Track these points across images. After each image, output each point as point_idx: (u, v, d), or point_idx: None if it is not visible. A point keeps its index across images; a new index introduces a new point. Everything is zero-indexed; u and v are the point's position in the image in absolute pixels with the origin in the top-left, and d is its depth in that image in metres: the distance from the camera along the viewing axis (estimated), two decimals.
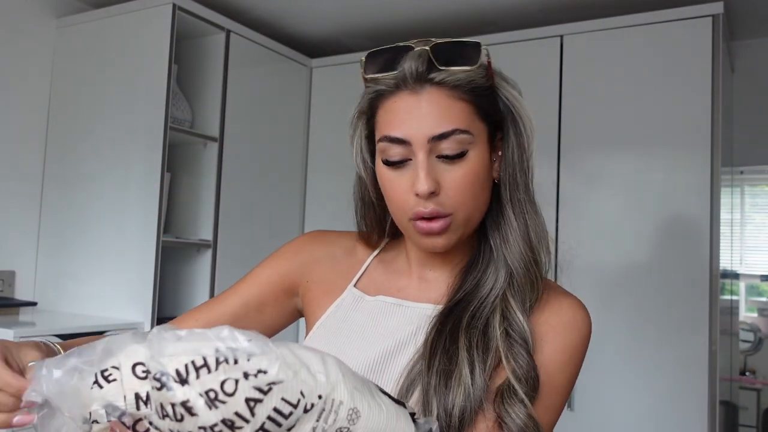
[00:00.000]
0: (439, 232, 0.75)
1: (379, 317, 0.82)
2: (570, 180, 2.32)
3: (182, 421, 0.53)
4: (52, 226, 2.48)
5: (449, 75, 0.74)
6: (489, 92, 0.78)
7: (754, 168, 2.94)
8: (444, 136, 0.73)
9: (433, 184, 0.73)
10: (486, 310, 0.76)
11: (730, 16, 2.41)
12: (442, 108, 0.74)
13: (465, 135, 0.74)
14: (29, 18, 2.49)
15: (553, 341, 0.76)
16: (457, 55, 0.76)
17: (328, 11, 2.66)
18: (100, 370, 0.58)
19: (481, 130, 0.77)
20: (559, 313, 0.78)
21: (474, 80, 0.76)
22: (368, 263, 0.89)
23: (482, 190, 0.77)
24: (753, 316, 3.42)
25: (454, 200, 0.75)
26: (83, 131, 2.43)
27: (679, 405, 2.08)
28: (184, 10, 2.30)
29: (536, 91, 2.41)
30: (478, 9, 2.57)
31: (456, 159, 0.74)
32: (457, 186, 0.74)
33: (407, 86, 0.75)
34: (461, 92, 0.75)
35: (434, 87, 0.74)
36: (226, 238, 2.46)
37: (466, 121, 0.74)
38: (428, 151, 0.74)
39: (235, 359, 0.53)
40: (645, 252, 2.18)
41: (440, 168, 0.74)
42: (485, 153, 0.77)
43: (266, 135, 2.72)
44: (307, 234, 0.96)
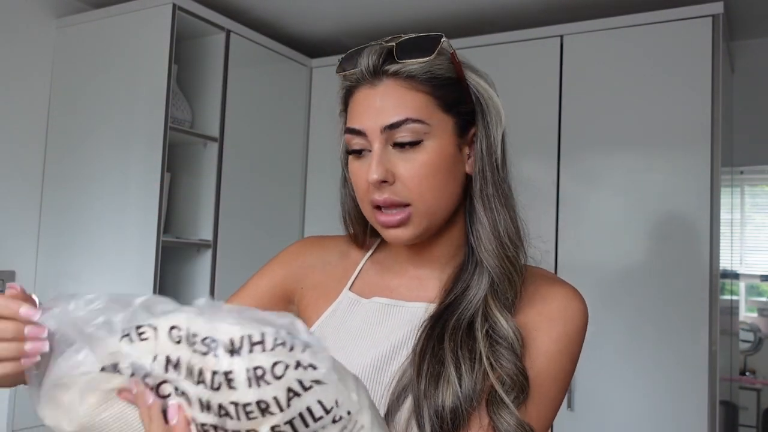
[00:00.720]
0: (398, 225, 0.76)
1: (374, 320, 0.82)
2: (570, 180, 2.32)
3: (217, 391, 0.52)
4: (52, 226, 2.48)
5: (403, 66, 0.76)
6: (452, 83, 0.78)
7: (754, 168, 2.94)
8: (395, 125, 0.75)
9: (383, 173, 0.74)
10: (469, 313, 0.75)
11: (730, 16, 2.41)
12: (396, 98, 0.75)
13: (418, 124, 0.75)
14: (29, 18, 2.49)
15: (547, 331, 0.76)
16: (414, 47, 0.77)
17: (328, 11, 2.66)
18: (135, 325, 0.57)
19: (444, 121, 0.77)
20: (552, 303, 0.78)
21: (431, 71, 0.76)
22: (362, 265, 0.90)
23: (444, 183, 0.77)
24: (753, 316, 3.42)
25: (410, 190, 0.75)
26: (83, 131, 2.43)
27: (679, 405, 2.08)
28: (184, 10, 2.30)
29: (536, 91, 2.41)
30: (478, 9, 2.57)
31: (410, 148, 0.75)
32: (412, 175, 0.75)
33: (366, 80, 0.78)
34: (417, 83, 0.76)
35: (390, 79, 0.76)
36: (226, 238, 2.46)
37: (422, 111, 0.75)
38: (383, 141, 0.75)
39: (292, 346, 0.53)
40: (645, 252, 2.18)
41: (396, 158, 0.76)
42: (449, 145, 0.77)
43: (266, 135, 2.72)
44: (301, 240, 0.97)
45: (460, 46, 2.78)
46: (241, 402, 0.52)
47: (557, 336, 0.76)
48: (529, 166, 2.42)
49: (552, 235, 2.32)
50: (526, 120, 2.42)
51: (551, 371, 0.75)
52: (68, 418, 0.58)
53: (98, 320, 0.57)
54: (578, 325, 0.78)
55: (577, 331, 0.78)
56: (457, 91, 0.79)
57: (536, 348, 0.75)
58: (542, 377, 0.74)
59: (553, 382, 0.75)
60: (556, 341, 0.76)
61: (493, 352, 0.72)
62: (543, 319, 0.76)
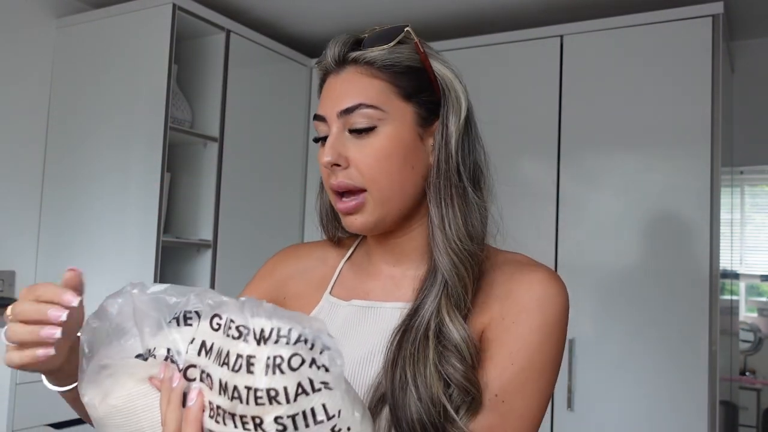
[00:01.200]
0: (354, 211, 0.77)
1: (353, 323, 0.81)
2: (570, 180, 2.32)
3: (237, 373, 0.56)
4: (52, 226, 2.48)
5: (364, 53, 0.77)
6: (413, 72, 0.78)
7: (754, 168, 2.94)
8: (350, 110, 0.76)
9: (335, 155, 0.75)
10: (424, 323, 0.72)
11: (730, 16, 2.41)
12: (352, 84, 0.77)
13: (372, 110, 0.75)
14: (29, 18, 2.49)
15: (526, 322, 0.73)
16: (377, 37, 0.78)
17: (328, 11, 2.66)
18: (184, 311, 0.61)
19: (402, 109, 0.77)
20: (527, 292, 0.74)
21: (390, 59, 0.77)
22: (340, 268, 0.89)
23: (399, 170, 0.76)
24: (753, 316, 3.42)
25: (363, 174, 0.76)
26: (83, 131, 2.43)
27: (679, 405, 2.08)
28: (184, 10, 2.30)
29: (536, 91, 2.41)
30: (478, 9, 2.57)
31: (364, 133, 0.76)
32: (365, 160, 0.75)
33: (333, 69, 0.79)
34: (375, 69, 0.77)
35: (351, 66, 0.78)
36: (226, 238, 2.46)
37: (378, 98, 0.76)
38: (340, 126, 0.76)
39: (313, 344, 0.56)
40: (645, 252, 2.18)
41: (351, 143, 0.76)
42: (406, 133, 0.77)
43: (266, 135, 2.72)
44: (280, 252, 0.97)
45: (460, 46, 2.77)
46: (254, 387, 0.55)
47: (537, 326, 0.73)
48: (529, 166, 2.42)
49: (552, 235, 2.32)
50: (526, 120, 2.42)
51: (535, 363, 0.72)
52: (102, 399, 0.62)
53: (154, 306, 0.61)
54: (558, 310, 0.74)
55: (558, 317, 0.74)
56: (419, 80, 0.78)
57: (516, 341, 0.72)
58: (527, 371, 0.71)
59: (540, 374, 0.72)
60: (536, 331, 0.73)
61: (441, 360, 0.70)
62: (520, 310, 0.73)
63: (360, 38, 0.79)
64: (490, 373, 0.71)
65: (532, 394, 0.72)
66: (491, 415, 0.70)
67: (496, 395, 0.71)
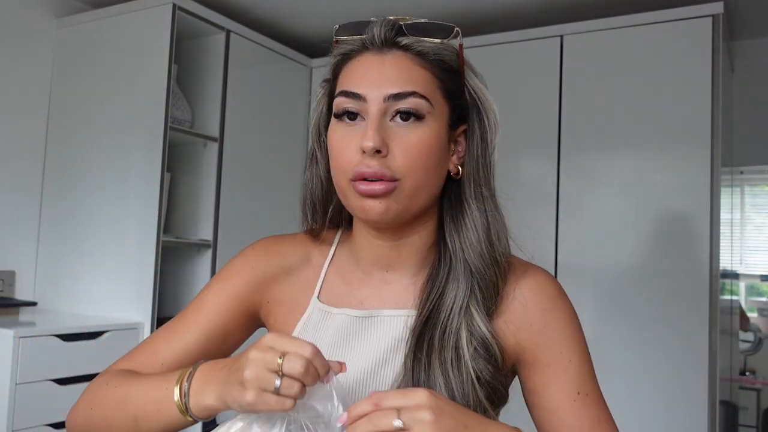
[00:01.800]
0: (380, 195, 0.71)
1: (351, 333, 0.78)
2: (570, 180, 2.32)
3: None
4: (52, 226, 2.48)
5: (416, 42, 0.75)
6: (454, 74, 0.77)
7: (754, 168, 2.94)
8: (401, 96, 0.72)
9: (379, 141, 0.70)
10: (454, 326, 0.74)
11: (730, 16, 2.41)
12: (405, 69, 0.73)
13: (424, 101, 0.72)
14: (29, 18, 2.49)
15: (555, 321, 0.77)
16: (427, 28, 0.76)
17: (328, 11, 2.66)
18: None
19: (442, 108, 0.75)
20: (542, 294, 0.78)
21: (441, 54, 0.75)
22: (325, 271, 0.85)
23: (434, 167, 0.74)
24: (753, 316, 3.42)
25: (402, 164, 0.71)
26: (83, 131, 2.43)
27: (679, 405, 2.07)
28: (184, 10, 2.30)
29: (536, 91, 2.41)
30: (478, 9, 2.57)
31: (411, 121, 0.72)
32: (408, 150, 0.71)
33: (373, 47, 0.75)
34: (426, 60, 0.74)
35: (400, 50, 0.74)
36: (226, 238, 2.46)
37: (428, 89, 0.73)
38: (383, 110, 0.72)
39: None
40: (645, 252, 2.18)
41: (393, 130, 0.72)
42: (443, 133, 0.75)
43: (266, 135, 2.72)
44: (255, 246, 0.90)
45: None
46: None
47: (565, 320, 0.78)
48: (529, 166, 2.42)
49: (552, 235, 2.32)
50: (526, 120, 2.41)
51: (582, 350, 0.77)
52: None
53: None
54: (566, 299, 0.80)
55: (569, 304, 0.80)
56: (457, 83, 0.77)
57: (560, 341, 0.76)
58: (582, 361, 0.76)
59: (587, 355, 0.78)
60: (567, 325, 0.78)
61: (477, 364, 0.72)
62: (543, 313, 0.77)
63: (401, 23, 0.76)
64: (558, 378, 0.75)
65: (592, 373, 0.78)
66: (590, 411, 0.74)
67: (579, 393, 0.75)
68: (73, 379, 1.98)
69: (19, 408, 1.84)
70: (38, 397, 1.89)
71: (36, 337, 1.90)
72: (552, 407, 0.74)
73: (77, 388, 1.98)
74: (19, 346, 1.84)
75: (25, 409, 1.86)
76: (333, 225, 0.87)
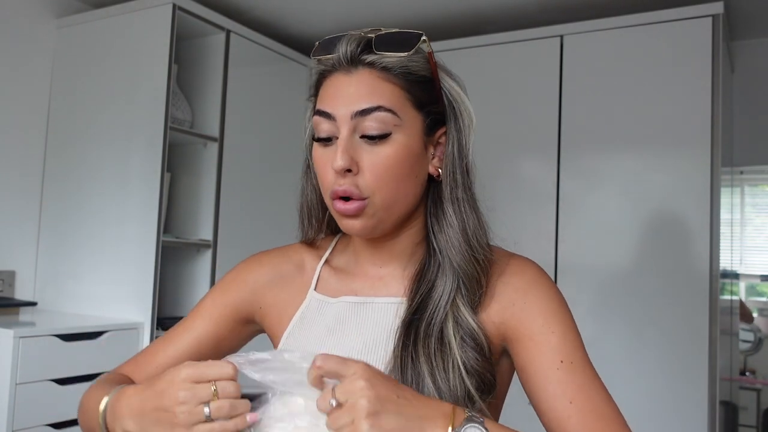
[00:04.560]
0: (354, 215, 0.76)
1: (346, 318, 0.82)
2: (570, 180, 2.32)
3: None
4: (52, 226, 2.48)
5: (381, 57, 0.76)
6: (426, 82, 0.79)
7: (754, 168, 2.94)
8: (367, 111, 0.75)
9: (348, 161, 0.74)
10: (439, 317, 0.77)
11: (730, 16, 2.41)
12: (369, 86, 0.76)
13: (389, 114, 0.75)
14: (29, 18, 2.49)
15: (536, 297, 0.79)
16: (393, 41, 0.77)
17: (328, 11, 2.66)
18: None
19: (413, 118, 0.78)
20: (523, 276, 0.81)
21: (407, 67, 0.77)
22: (319, 270, 0.89)
23: (406, 179, 0.77)
24: (753, 316, 3.42)
25: (371, 182, 0.75)
26: (83, 131, 2.43)
27: (679, 405, 2.08)
28: (184, 10, 2.30)
29: (536, 91, 2.41)
30: (478, 9, 2.57)
31: (378, 140, 0.75)
32: (376, 168, 0.75)
33: (342, 67, 0.78)
34: (391, 75, 0.76)
35: (366, 68, 0.77)
36: (226, 238, 2.46)
37: (394, 103, 0.76)
38: (352, 128, 0.75)
39: None
40: (645, 252, 2.18)
41: (362, 148, 0.76)
42: (416, 143, 0.78)
43: (266, 135, 2.72)
44: (248, 260, 0.95)
45: (460, 46, 2.76)
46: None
47: (545, 296, 0.79)
48: (529, 166, 2.42)
49: (552, 235, 2.32)
50: (526, 120, 2.42)
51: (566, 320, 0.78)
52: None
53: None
54: (547, 279, 0.82)
55: (551, 284, 0.81)
56: (429, 91, 0.79)
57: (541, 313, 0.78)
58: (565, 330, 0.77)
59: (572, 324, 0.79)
60: (548, 299, 0.79)
61: (465, 354, 0.75)
62: (525, 292, 0.79)
63: (370, 38, 0.78)
64: (541, 349, 0.76)
65: (578, 343, 0.78)
66: (574, 377, 0.75)
67: (562, 361, 0.75)
68: (73, 379, 1.97)
69: (19, 408, 1.84)
70: (38, 397, 1.89)
71: (36, 337, 1.90)
72: (537, 378, 0.75)
73: (77, 388, 1.98)
74: (19, 346, 1.84)
75: (25, 409, 1.86)
76: (331, 231, 0.92)
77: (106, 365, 2.07)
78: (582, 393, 0.74)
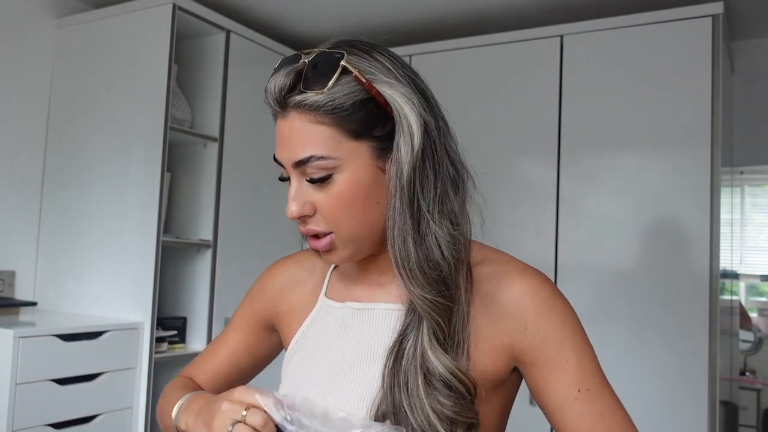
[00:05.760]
0: (327, 250, 0.78)
1: (348, 323, 0.83)
2: (570, 180, 2.32)
3: None
4: (52, 226, 2.48)
5: (304, 98, 0.72)
6: (362, 106, 0.72)
7: (754, 168, 2.94)
8: (301, 162, 0.74)
9: (300, 208, 0.75)
10: (410, 352, 0.74)
11: (730, 16, 2.41)
12: (300, 133, 0.74)
13: (324, 161, 0.73)
14: (29, 18, 2.49)
15: (550, 322, 0.76)
16: (316, 74, 0.72)
17: (328, 11, 2.66)
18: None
19: (356, 149, 0.73)
20: (535, 297, 0.76)
21: (332, 101, 0.71)
22: (329, 275, 0.91)
23: (362, 210, 0.75)
24: (753, 316, 3.42)
25: (329, 220, 0.76)
26: (83, 131, 2.43)
27: (679, 405, 2.08)
28: (184, 10, 2.30)
29: (536, 91, 2.41)
30: (478, 9, 2.57)
31: (321, 183, 0.74)
32: (327, 208, 0.75)
33: (277, 111, 0.77)
34: (320, 115, 0.72)
35: (295, 110, 0.74)
36: (226, 238, 2.46)
37: (327, 146, 0.73)
38: (298, 175, 0.76)
39: None
40: (645, 252, 2.18)
41: (312, 190, 0.76)
42: (364, 172, 0.74)
43: (266, 135, 2.71)
44: (270, 268, 0.99)
45: (460, 46, 2.76)
46: None
47: (560, 320, 0.76)
48: (529, 166, 2.42)
49: (552, 235, 2.32)
50: (526, 120, 2.42)
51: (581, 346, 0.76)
52: None
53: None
54: (561, 299, 0.78)
55: (565, 303, 0.78)
56: (368, 113, 0.73)
57: (555, 341, 0.75)
58: (581, 357, 0.75)
59: (587, 350, 0.76)
60: (562, 325, 0.76)
61: (428, 395, 0.72)
62: (537, 316, 0.76)
63: (301, 69, 0.73)
64: (558, 377, 0.75)
65: (595, 367, 0.76)
66: (593, 407, 0.73)
67: (579, 390, 0.74)
68: (73, 379, 1.98)
69: (19, 408, 1.84)
70: (38, 397, 1.89)
71: (36, 337, 1.90)
72: (555, 406, 0.75)
73: (77, 388, 1.98)
74: (19, 346, 1.84)
75: (25, 409, 1.86)
76: None
77: (106, 365, 2.07)
78: (602, 423, 0.73)
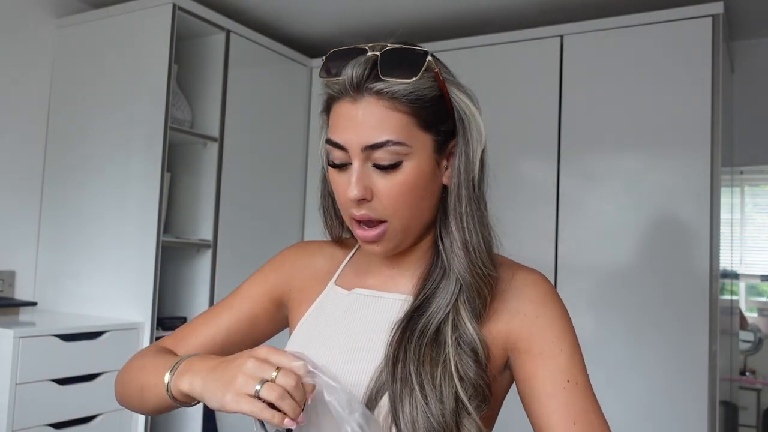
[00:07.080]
0: (375, 240, 0.80)
1: (355, 309, 0.86)
2: (570, 180, 2.32)
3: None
4: (52, 226, 2.48)
5: (387, 86, 0.75)
6: (435, 101, 0.78)
7: (754, 168, 2.94)
8: (376, 146, 0.75)
9: (362, 191, 0.76)
10: (438, 317, 0.78)
11: (730, 16, 2.42)
12: (377, 118, 0.75)
13: (399, 146, 0.75)
14: (29, 18, 2.49)
15: (547, 314, 0.80)
16: (399, 65, 0.76)
17: (328, 11, 2.66)
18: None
19: (424, 140, 0.78)
20: (535, 289, 0.82)
21: (414, 92, 0.76)
22: (345, 263, 0.93)
23: (421, 200, 0.79)
24: (753, 316, 3.42)
25: (387, 208, 0.77)
26: (83, 131, 2.43)
27: (679, 405, 2.08)
28: (184, 10, 2.30)
29: (536, 91, 2.41)
30: (478, 9, 2.57)
31: (390, 169, 0.76)
32: (390, 194, 0.77)
33: (348, 93, 0.77)
34: (399, 103, 0.75)
35: (372, 96, 0.75)
36: (226, 238, 2.46)
37: (403, 133, 0.75)
38: (363, 159, 0.76)
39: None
40: (645, 252, 2.18)
41: (375, 175, 0.77)
42: (427, 162, 0.78)
43: (266, 135, 2.72)
44: (292, 246, 1.00)
45: (461, 46, 2.76)
46: None
47: (558, 314, 0.81)
48: (529, 166, 2.42)
49: (552, 235, 2.32)
50: (526, 120, 2.42)
51: (572, 342, 0.79)
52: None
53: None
54: (557, 297, 0.82)
55: (560, 302, 0.82)
56: (438, 110, 0.78)
57: (552, 330, 0.79)
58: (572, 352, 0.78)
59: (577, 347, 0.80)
60: (558, 318, 0.80)
61: (460, 359, 0.75)
62: (536, 306, 0.80)
63: (375, 60, 0.76)
64: (549, 366, 0.78)
65: (583, 366, 0.80)
66: (578, 399, 0.77)
67: (569, 381, 0.77)
68: (73, 379, 1.98)
69: (19, 408, 1.84)
70: (38, 397, 1.89)
71: (36, 337, 1.90)
72: (541, 393, 0.76)
73: (77, 388, 1.98)
74: (19, 346, 1.84)
75: (25, 409, 1.86)
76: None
77: (106, 365, 2.07)
78: (585, 416, 0.76)
